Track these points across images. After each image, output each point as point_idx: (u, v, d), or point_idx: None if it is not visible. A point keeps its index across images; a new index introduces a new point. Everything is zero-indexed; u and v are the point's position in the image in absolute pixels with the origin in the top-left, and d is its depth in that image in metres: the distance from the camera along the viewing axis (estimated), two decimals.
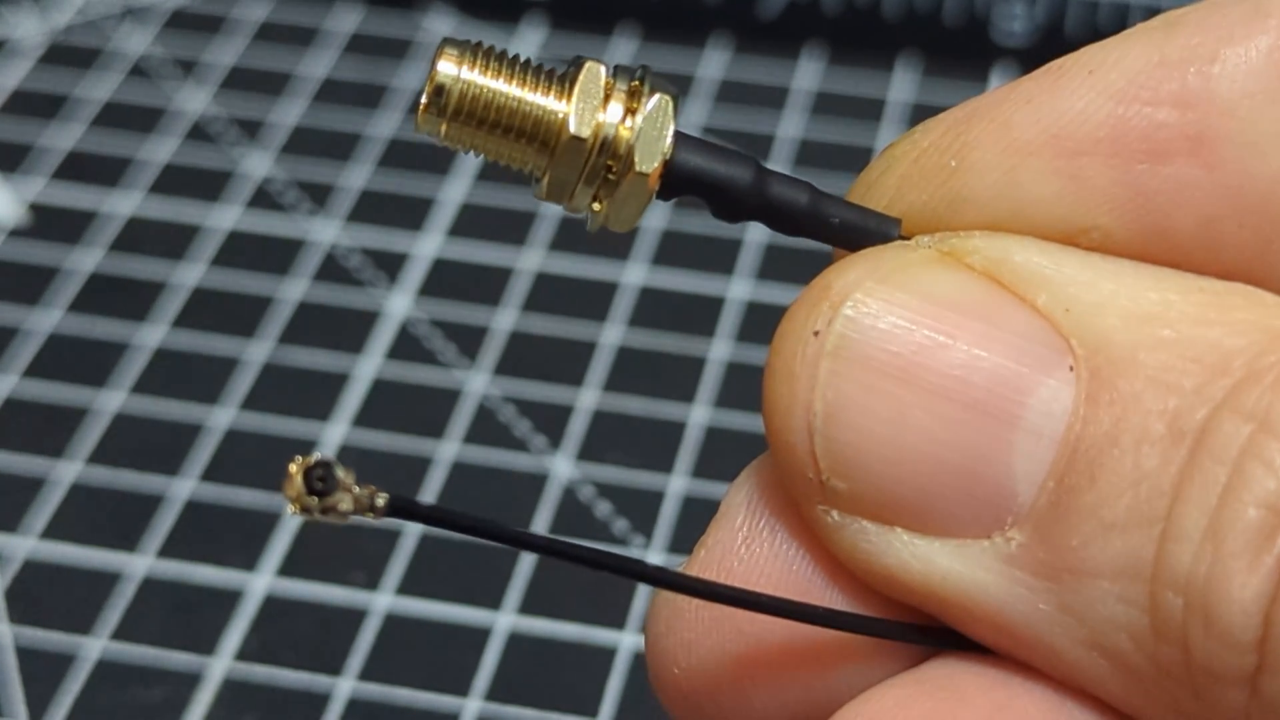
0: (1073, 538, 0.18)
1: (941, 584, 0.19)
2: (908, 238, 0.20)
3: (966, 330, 0.19)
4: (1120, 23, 0.51)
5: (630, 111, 0.21)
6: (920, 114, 0.51)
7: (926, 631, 0.19)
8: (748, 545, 0.20)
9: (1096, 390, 0.18)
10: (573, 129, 0.20)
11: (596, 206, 0.21)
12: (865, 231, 0.20)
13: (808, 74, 0.52)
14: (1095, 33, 0.51)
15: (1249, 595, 0.17)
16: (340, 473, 0.19)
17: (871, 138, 0.50)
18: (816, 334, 0.19)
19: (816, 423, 0.19)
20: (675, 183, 0.21)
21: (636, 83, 0.21)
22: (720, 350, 0.44)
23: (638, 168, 0.20)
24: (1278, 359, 0.17)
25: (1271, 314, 0.18)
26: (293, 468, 0.19)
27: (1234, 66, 0.19)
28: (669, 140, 0.21)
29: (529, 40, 0.53)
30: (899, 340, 0.19)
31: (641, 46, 0.53)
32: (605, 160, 0.20)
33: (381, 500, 0.19)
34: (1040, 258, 0.19)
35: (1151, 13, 0.51)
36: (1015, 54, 0.52)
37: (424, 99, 0.20)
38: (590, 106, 0.20)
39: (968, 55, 0.52)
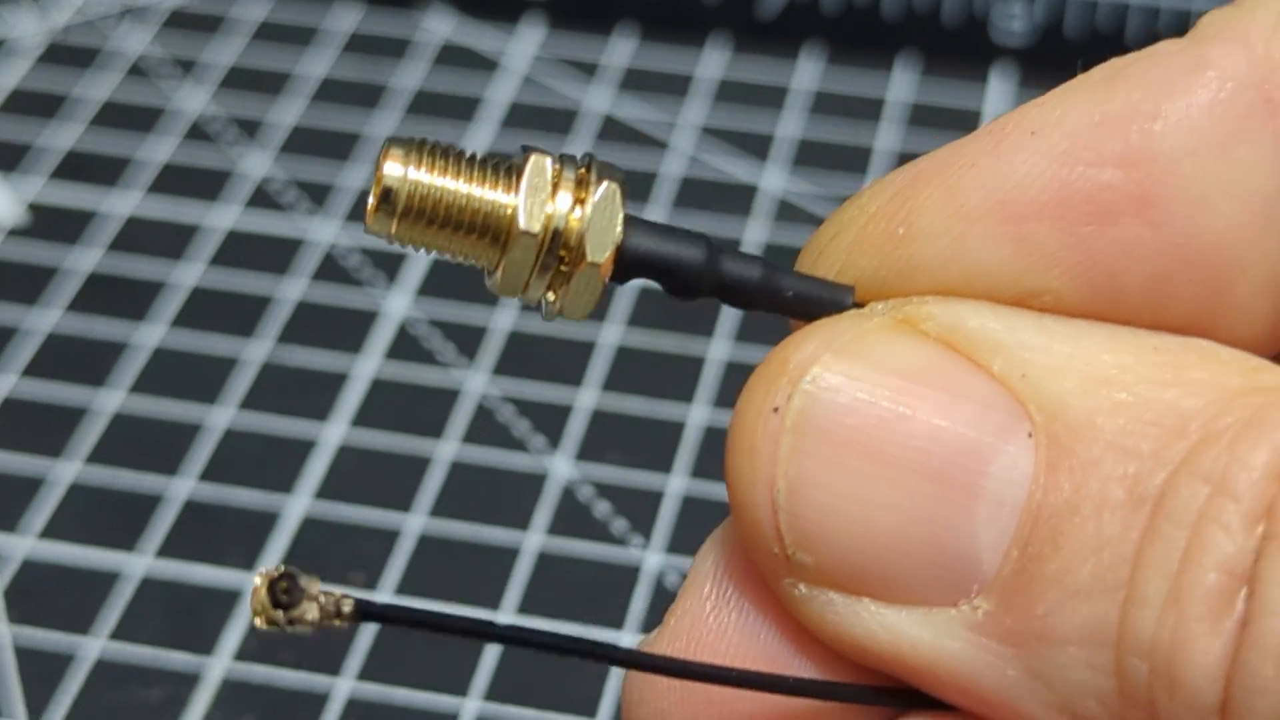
0: (1038, 605, 0.18)
1: (910, 652, 0.19)
2: (862, 305, 0.20)
3: (925, 400, 0.19)
4: (1120, 22, 0.51)
5: (579, 201, 0.21)
6: (920, 114, 0.51)
7: (895, 694, 0.20)
8: (716, 615, 0.20)
9: (1056, 457, 0.18)
10: (522, 224, 0.20)
11: (551, 296, 0.21)
12: (819, 302, 0.20)
13: (807, 74, 0.52)
14: (1095, 33, 0.51)
15: (1211, 659, 0.17)
16: (304, 582, 0.19)
17: (871, 138, 0.50)
18: (776, 409, 0.19)
19: (780, 499, 0.19)
20: (628, 268, 0.21)
21: (584, 171, 0.21)
22: (720, 350, 0.44)
23: (590, 258, 0.20)
24: (1233, 419, 0.18)
25: (1227, 371, 0.18)
26: (257, 580, 0.19)
27: (1176, 122, 0.19)
28: (619, 228, 0.21)
29: (528, 40, 0.53)
30: (858, 413, 0.19)
31: (641, 46, 0.53)
32: (557, 252, 0.21)
33: (348, 606, 0.20)
34: (994, 323, 0.19)
35: (1149, 13, 0.51)
36: (1015, 54, 0.52)
37: (371, 201, 0.20)
38: (539, 199, 0.20)
39: (967, 55, 0.52)
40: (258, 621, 0.19)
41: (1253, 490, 0.17)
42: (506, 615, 0.38)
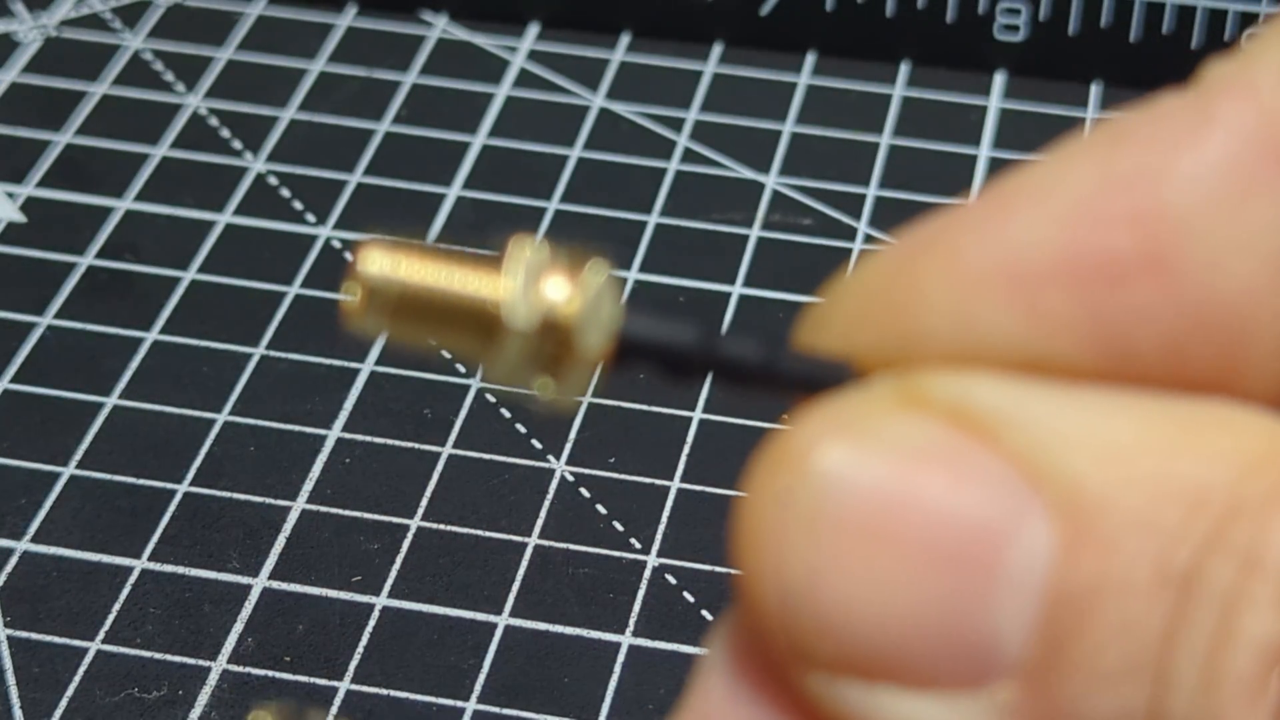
0: (1064, 690, 0.17)
1: None
2: (864, 381, 0.20)
3: (934, 481, 0.18)
4: (1123, 21, 0.51)
5: (568, 291, 0.20)
6: (920, 113, 0.51)
7: None
8: (729, 712, 0.20)
9: (1075, 536, 0.17)
10: (511, 319, 0.20)
11: (545, 387, 0.20)
12: (820, 379, 0.20)
13: (807, 74, 0.52)
14: (1096, 32, 0.51)
15: None
16: None
17: (871, 137, 0.50)
18: (781, 497, 0.19)
19: (791, 590, 0.18)
20: (623, 357, 0.20)
21: (573, 259, 0.20)
22: None
23: (583, 348, 0.20)
24: (1259, 489, 0.17)
25: (1248, 436, 0.18)
26: None
27: (1184, 180, 0.18)
28: (613, 316, 0.20)
29: (528, 40, 0.53)
30: (866, 498, 0.18)
31: (641, 47, 0.53)
32: (550, 343, 0.20)
33: None
34: (1002, 395, 0.18)
35: (1152, 9, 0.51)
36: (1015, 53, 0.52)
37: (352, 301, 0.20)
38: (527, 291, 0.20)
39: (968, 55, 0.52)
40: None
41: None
42: (508, 615, 0.38)
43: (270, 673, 0.37)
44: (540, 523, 0.40)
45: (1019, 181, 0.19)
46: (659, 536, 0.40)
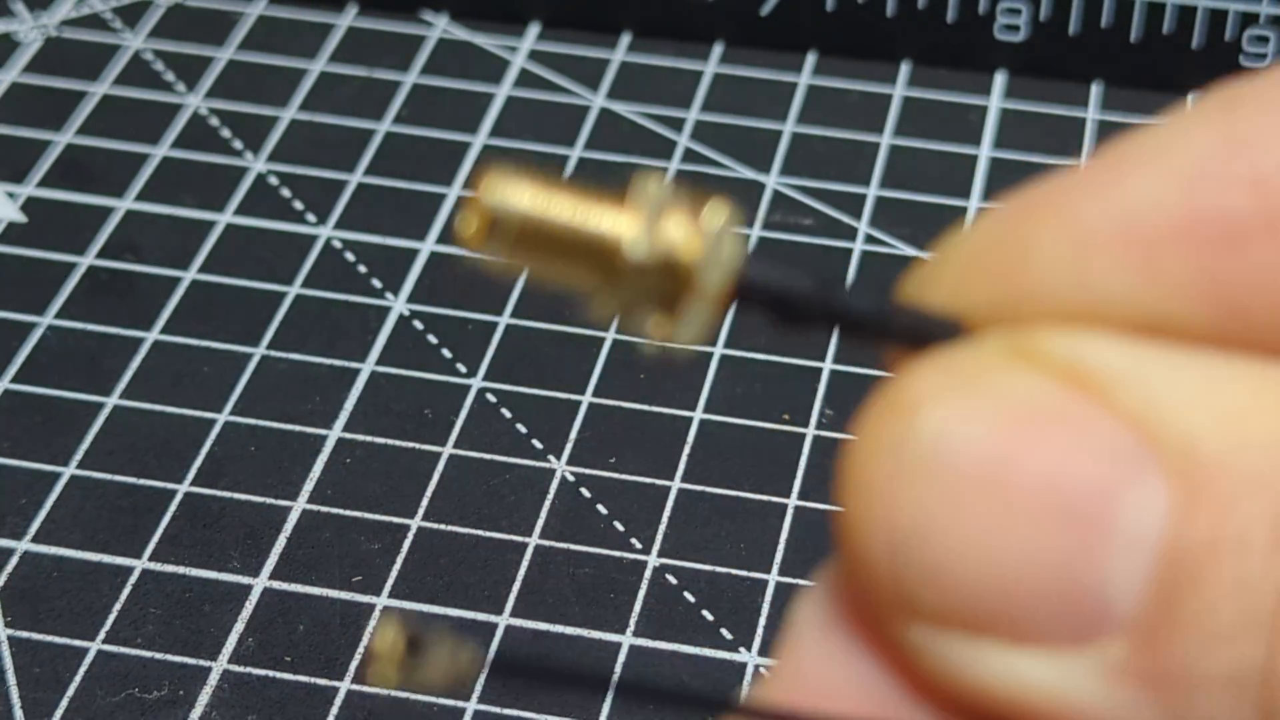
0: (1175, 647, 0.17)
1: (1036, 696, 0.18)
2: (976, 337, 0.20)
3: (1048, 437, 0.18)
4: (1123, 21, 0.51)
5: (691, 229, 0.20)
6: (920, 113, 0.51)
7: None
8: (825, 666, 0.20)
9: (1190, 495, 0.17)
10: (636, 251, 0.20)
11: (660, 326, 0.20)
12: (932, 334, 0.20)
13: (807, 74, 0.52)
14: (1096, 32, 0.51)
15: None
16: (429, 636, 0.19)
17: (871, 137, 0.50)
18: (892, 448, 0.18)
19: (900, 539, 0.18)
20: (742, 297, 0.20)
21: (694, 199, 0.20)
22: (721, 351, 0.44)
23: (704, 287, 0.20)
24: None
25: None
26: (386, 633, 0.19)
27: None
28: (734, 257, 0.20)
29: (528, 39, 0.53)
30: (979, 451, 0.18)
31: (641, 47, 0.53)
32: (668, 281, 0.20)
33: (470, 661, 0.19)
34: (1117, 355, 0.18)
35: (1154, 9, 0.50)
36: (1015, 53, 0.52)
37: (473, 228, 0.20)
38: (650, 227, 0.20)
39: (968, 55, 0.52)
40: (384, 674, 0.19)
41: None
42: (508, 616, 0.38)
43: (271, 673, 0.37)
44: (541, 523, 0.40)
45: (1136, 144, 0.19)
46: (659, 536, 0.40)
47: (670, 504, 0.41)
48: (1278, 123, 0.19)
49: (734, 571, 0.39)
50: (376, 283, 0.46)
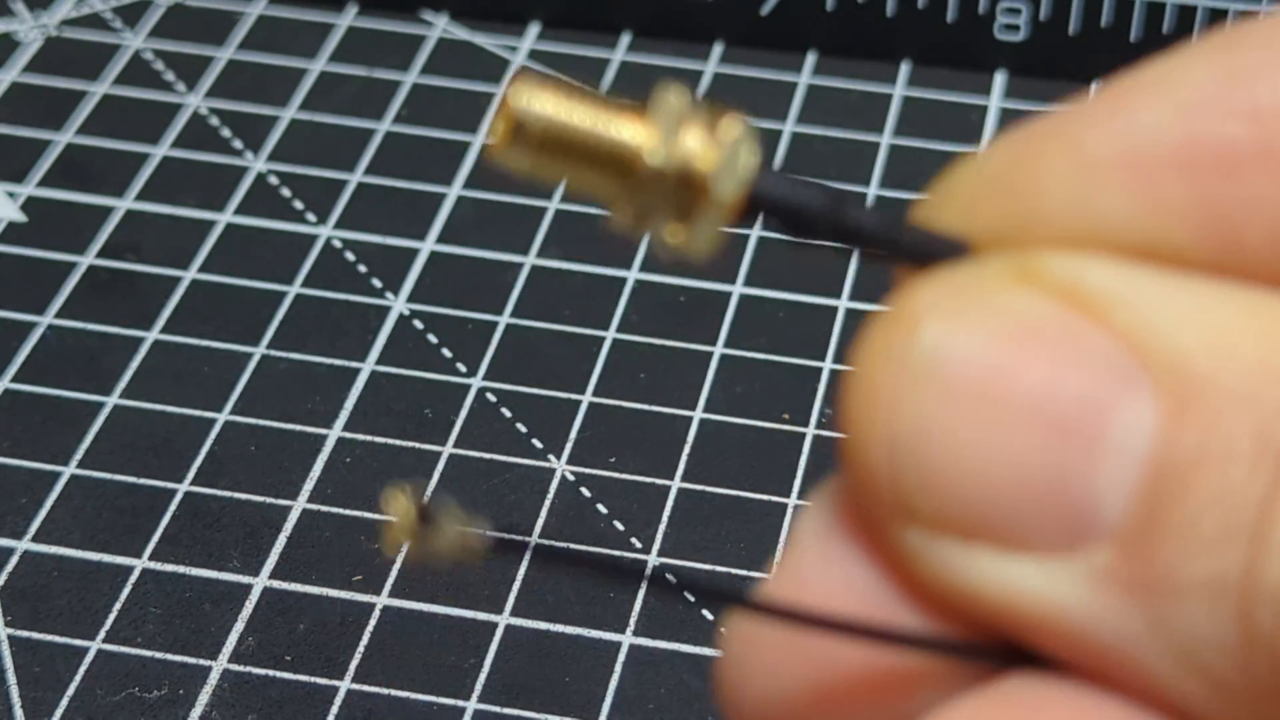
0: (1160, 554, 0.18)
1: (1025, 601, 0.19)
2: (981, 258, 0.20)
3: (1046, 351, 0.19)
4: (1123, 21, 0.51)
5: (709, 140, 0.21)
6: (921, 113, 0.51)
7: (1003, 650, 0.19)
8: (823, 568, 0.20)
9: (1179, 409, 0.18)
10: (651, 159, 0.20)
11: (675, 234, 0.21)
12: (936, 252, 0.20)
13: (807, 74, 0.52)
14: (1096, 32, 0.51)
15: None
16: (442, 511, 0.20)
17: (871, 137, 0.50)
18: (895, 357, 0.19)
19: (899, 445, 0.19)
20: (755, 208, 0.21)
21: (714, 111, 0.21)
22: (720, 350, 0.44)
23: (718, 196, 0.20)
24: None
25: None
26: (401, 498, 0.19)
27: None
28: (750, 168, 0.21)
29: (528, 39, 0.53)
30: (978, 362, 0.19)
31: (641, 47, 0.53)
32: (684, 189, 0.20)
33: (479, 540, 0.20)
34: (1115, 277, 0.19)
35: (1154, 8, 0.50)
36: (1015, 53, 0.52)
37: (500, 131, 0.20)
38: (668, 136, 0.20)
39: (968, 55, 0.52)
40: (399, 541, 0.19)
41: None
42: (508, 615, 0.38)
43: (271, 672, 0.37)
44: (541, 522, 0.40)
45: (1141, 76, 0.20)
46: (659, 536, 0.40)
47: (670, 503, 0.41)
48: (1276, 58, 0.19)
49: (734, 571, 0.39)
50: (376, 282, 0.46)
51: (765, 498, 0.41)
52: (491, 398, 0.43)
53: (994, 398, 0.19)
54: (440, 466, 0.41)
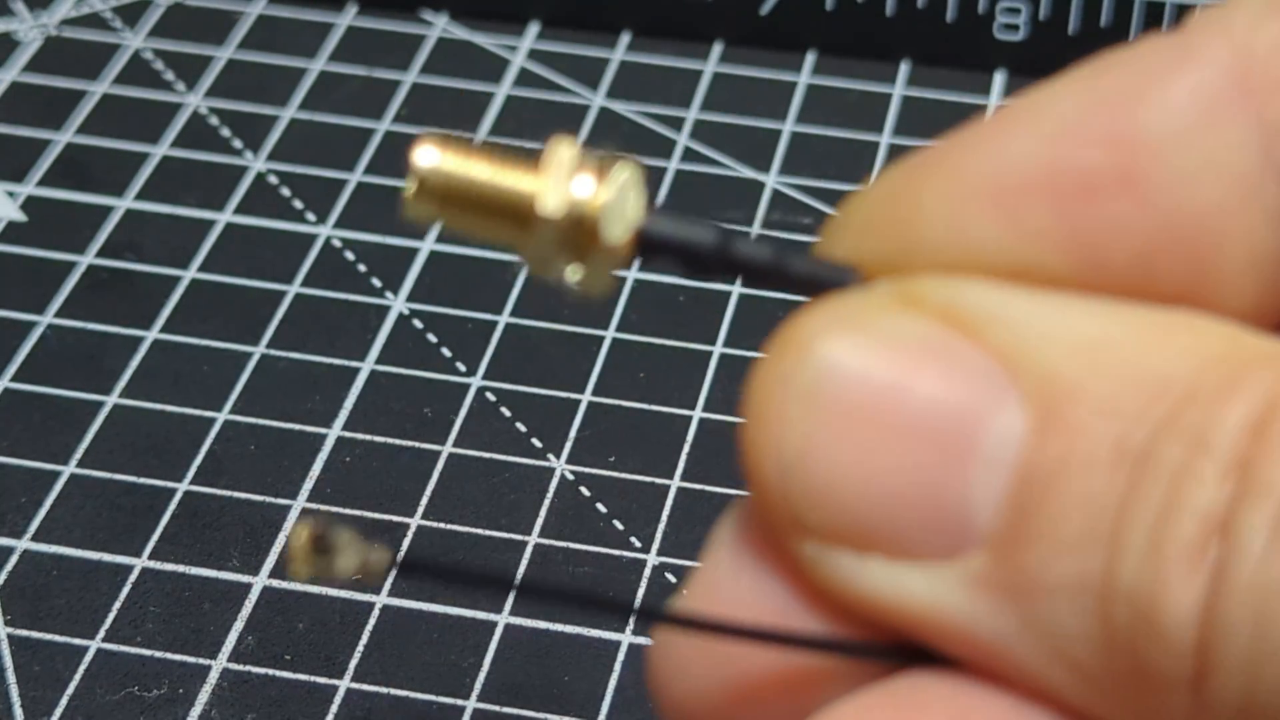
0: (1029, 557, 0.19)
1: (913, 605, 0.20)
2: (866, 284, 0.21)
3: (924, 370, 0.20)
4: (1123, 21, 0.51)
5: (599, 186, 0.22)
6: (920, 113, 0.51)
7: (901, 649, 0.21)
8: (733, 580, 0.22)
9: (1045, 419, 0.19)
10: (543, 208, 0.22)
11: (575, 275, 0.22)
12: (826, 281, 0.22)
13: (807, 74, 0.52)
14: (1097, 32, 0.51)
15: (1187, 603, 0.18)
16: (340, 534, 0.21)
17: (871, 137, 0.50)
18: (784, 379, 0.20)
19: (788, 463, 0.20)
20: (646, 248, 0.22)
21: (603, 158, 0.22)
22: (720, 350, 0.44)
23: (608, 238, 0.22)
24: (1212, 381, 0.19)
25: (1209, 337, 0.19)
26: (299, 530, 0.21)
27: (1159, 105, 0.20)
28: (638, 210, 0.22)
29: (528, 39, 0.53)
30: (861, 382, 0.20)
31: (641, 47, 0.53)
32: (578, 234, 0.22)
33: (382, 561, 0.22)
34: (989, 297, 0.20)
35: (1153, 8, 0.51)
36: (1015, 53, 0.52)
37: (407, 189, 0.22)
38: (559, 184, 0.22)
39: (968, 55, 0.52)
40: (297, 570, 0.21)
41: (1227, 445, 0.18)
42: (508, 615, 0.38)
43: (271, 671, 0.37)
44: (540, 522, 0.40)
45: (1015, 105, 0.21)
46: (659, 535, 0.40)
47: (670, 503, 0.41)
48: (1137, 87, 0.20)
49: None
50: (376, 282, 0.46)
51: None
52: (491, 397, 0.43)
53: (874, 414, 0.20)
54: (440, 466, 0.41)
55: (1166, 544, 0.18)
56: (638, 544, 0.40)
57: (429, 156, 0.22)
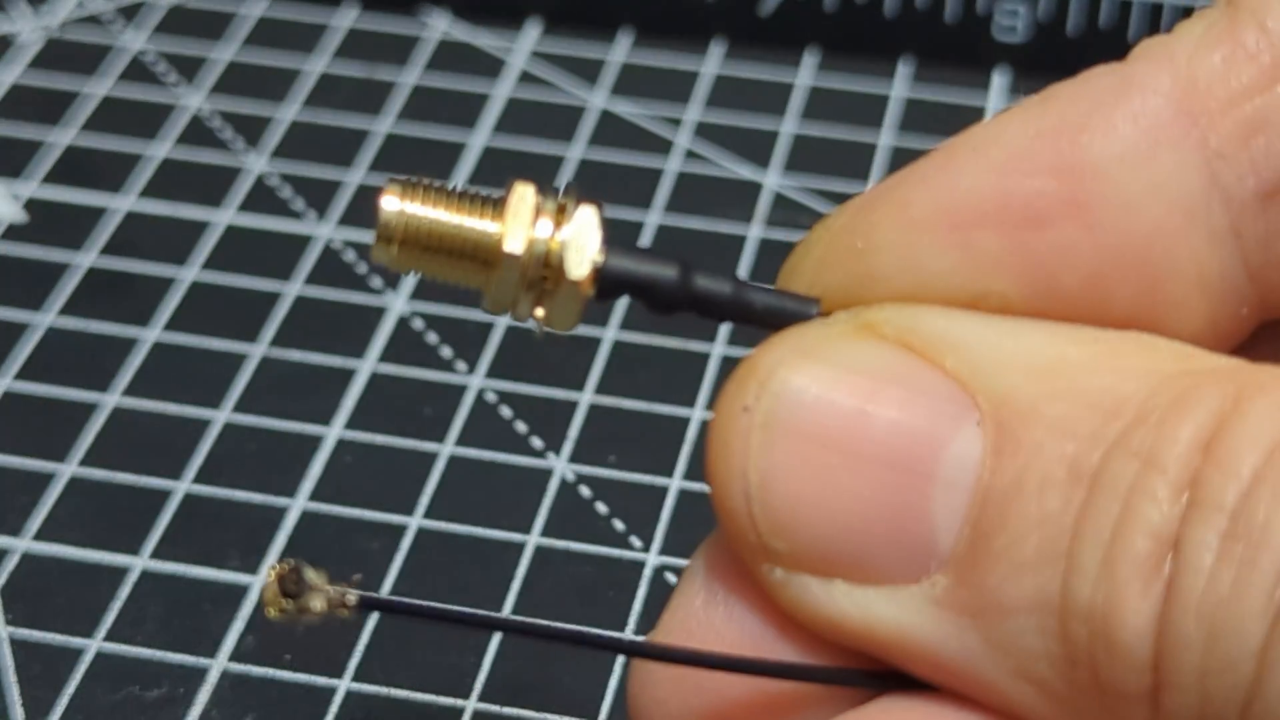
0: (989, 578, 0.19)
1: (880, 628, 0.20)
2: (827, 315, 0.22)
3: (883, 396, 0.20)
4: (1123, 21, 0.51)
5: (560, 225, 0.23)
6: (920, 113, 0.51)
7: (873, 675, 0.21)
8: (706, 609, 0.22)
9: (1002, 442, 0.19)
10: (507, 248, 0.22)
11: (539, 314, 0.23)
12: (787, 313, 0.22)
13: (807, 74, 0.52)
14: (1096, 32, 0.51)
15: (1142, 619, 0.18)
16: (310, 575, 0.22)
17: (871, 137, 0.50)
18: (747, 409, 0.21)
19: (752, 491, 0.21)
20: (607, 285, 0.23)
21: (564, 199, 0.23)
22: (720, 350, 0.44)
23: (570, 276, 0.23)
24: (1164, 400, 0.19)
25: (1160, 358, 0.20)
26: (269, 573, 0.22)
27: (1104, 133, 0.21)
28: (597, 248, 0.23)
29: (528, 39, 0.53)
30: (822, 410, 0.20)
31: (641, 46, 0.53)
32: (541, 272, 0.23)
33: (352, 599, 0.23)
34: (945, 323, 0.21)
35: (1152, 9, 0.51)
36: (1015, 53, 0.52)
37: (375, 234, 0.22)
38: (522, 224, 0.22)
39: (968, 55, 0.52)
40: (270, 612, 0.21)
41: (1178, 463, 0.18)
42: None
43: (271, 671, 0.37)
44: (540, 521, 0.40)
45: (963, 137, 0.22)
46: (659, 535, 0.40)
47: (670, 503, 0.41)
48: (1082, 116, 0.21)
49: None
50: (376, 282, 0.46)
51: None
52: (491, 397, 0.43)
53: (836, 441, 0.20)
54: (440, 466, 0.41)
55: (1120, 562, 0.18)
56: (638, 544, 0.40)
57: (392, 204, 0.22)
